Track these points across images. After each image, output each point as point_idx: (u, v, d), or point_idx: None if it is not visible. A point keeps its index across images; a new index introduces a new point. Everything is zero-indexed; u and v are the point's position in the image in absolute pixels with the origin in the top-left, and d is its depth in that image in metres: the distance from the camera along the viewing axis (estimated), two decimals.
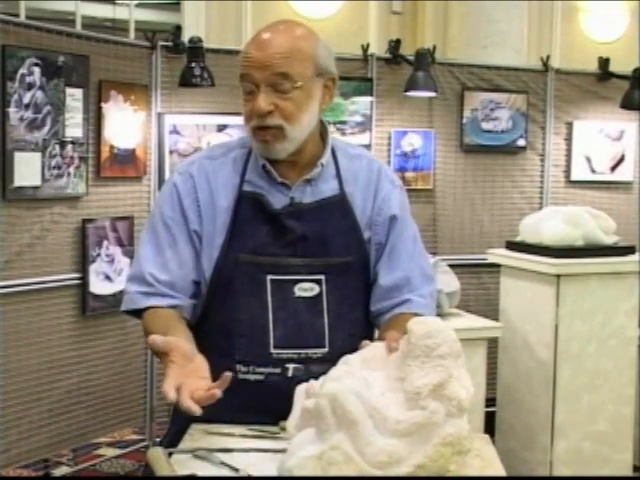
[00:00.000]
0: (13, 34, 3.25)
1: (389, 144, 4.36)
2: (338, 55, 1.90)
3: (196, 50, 3.76)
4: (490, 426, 3.79)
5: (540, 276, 3.69)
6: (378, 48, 4.68)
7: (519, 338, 3.83)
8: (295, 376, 1.77)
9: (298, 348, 1.79)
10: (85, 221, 3.57)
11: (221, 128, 3.96)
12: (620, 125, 4.78)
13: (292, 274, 1.81)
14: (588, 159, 4.74)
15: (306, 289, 1.81)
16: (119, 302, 1.93)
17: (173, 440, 1.72)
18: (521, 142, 4.59)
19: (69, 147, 3.46)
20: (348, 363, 1.53)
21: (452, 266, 3.85)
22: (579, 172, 4.73)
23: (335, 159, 1.90)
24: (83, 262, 3.57)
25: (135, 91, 3.76)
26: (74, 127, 3.48)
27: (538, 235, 3.77)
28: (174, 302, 1.80)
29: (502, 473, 1.56)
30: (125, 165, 3.75)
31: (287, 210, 1.82)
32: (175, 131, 3.88)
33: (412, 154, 4.38)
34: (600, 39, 6.34)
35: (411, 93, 4.19)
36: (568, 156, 4.71)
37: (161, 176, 3.83)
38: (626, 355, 3.77)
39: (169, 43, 3.88)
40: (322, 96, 1.82)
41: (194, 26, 5.14)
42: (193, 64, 3.75)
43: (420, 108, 4.41)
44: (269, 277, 1.80)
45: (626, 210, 4.75)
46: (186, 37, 3.91)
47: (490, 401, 3.86)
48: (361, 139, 4.19)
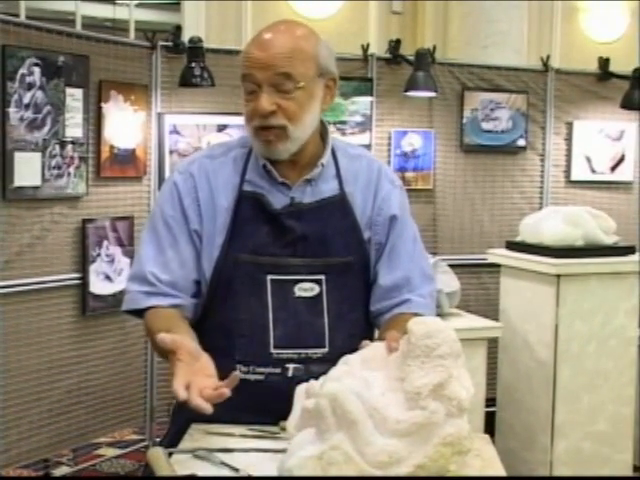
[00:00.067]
0: (13, 34, 3.25)
1: (389, 144, 4.35)
2: (338, 55, 1.89)
3: (196, 50, 3.77)
4: (490, 426, 3.79)
5: (540, 276, 3.69)
6: (378, 48, 4.68)
7: (519, 338, 3.83)
8: (295, 376, 1.77)
9: (298, 348, 1.79)
10: (85, 221, 3.57)
11: (221, 128, 3.96)
12: (620, 125, 4.78)
13: (292, 274, 1.80)
14: (588, 159, 4.74)
15: (306, 289, 1.81)
16: (119, 302, 1.93)
17: (173, 440, 1.72)
18: (521, 142, 4.59)
19: (69, 147, 3.46)
20: (348, 363, 1.53)
21: (452, 266, 3.85)
22: (579, 172, 4.72)
23: (335, 159, 1.90)
24: (83, 262, 3.57)
25: (135, 91, 3.76)
26: (74, 127, 3.48)
27: (538, 235, 3.77)
28: (176, 301, 1.80)
29: (502, 473, 1.56)
30: (125, 165, 3.75)
31: (287, 210, 1.82)
32: (175, 131, 3.88)
33: (412, 154, 4.38)
34: (600, 39, 6.34)
35: (411, 93, 4.19)
36: (568, 156, 4.71)
37: (161, 176, 3.83)
38: (626, 355, 3.77)
39: (169, 43, 3.88)
40: (323, 96, 1.82)
41: (194, 26, 5.14)
42: (193, 64, 3.75)
43: (420, 108, 4.40)
44: (269, 277, 1.80)
45: (626, 210, 4.75)
46: (186, 37, 3.91)
47: (490, 401, 3.86)
48: (361, 139, 4.19)
